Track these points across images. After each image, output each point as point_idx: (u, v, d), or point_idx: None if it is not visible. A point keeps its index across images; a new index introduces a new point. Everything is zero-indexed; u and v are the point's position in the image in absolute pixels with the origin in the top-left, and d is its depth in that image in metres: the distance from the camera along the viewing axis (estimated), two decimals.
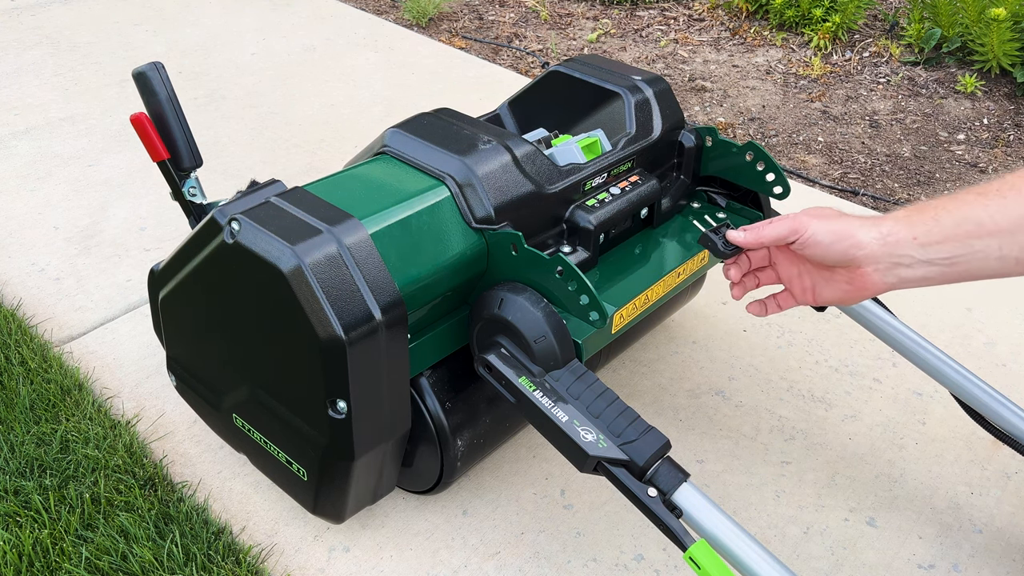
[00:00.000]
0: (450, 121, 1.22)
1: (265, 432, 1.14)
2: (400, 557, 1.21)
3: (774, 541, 1.25)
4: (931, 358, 1.23)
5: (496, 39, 3.18)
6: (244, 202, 1.06)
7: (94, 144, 2.29)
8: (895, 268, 0.90)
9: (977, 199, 0.86)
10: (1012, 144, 2.47)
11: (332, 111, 2.52)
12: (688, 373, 1.55)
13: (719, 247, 1.02)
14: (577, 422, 0.98)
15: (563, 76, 1.38)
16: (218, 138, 2.35)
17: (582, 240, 1.20)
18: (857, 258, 0.91)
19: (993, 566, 1.22)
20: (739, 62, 3.01)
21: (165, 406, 1.45)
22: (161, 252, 1.85)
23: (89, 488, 1.27)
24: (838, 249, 0.92)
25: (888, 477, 1.35)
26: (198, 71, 2.75)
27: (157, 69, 1.19)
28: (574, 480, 1.33)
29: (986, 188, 0.87)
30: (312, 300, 0.95)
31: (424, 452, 1.17)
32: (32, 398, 1.43)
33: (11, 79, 2.64)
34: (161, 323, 1.24)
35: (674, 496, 0.94)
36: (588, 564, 1.21)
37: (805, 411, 1.48)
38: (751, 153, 1.30)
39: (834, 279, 0.97)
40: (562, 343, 1.03)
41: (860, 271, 0.92)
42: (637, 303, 1.17)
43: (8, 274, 1.78)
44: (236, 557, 1.19)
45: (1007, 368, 1.58)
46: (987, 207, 0.85)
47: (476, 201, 1.10)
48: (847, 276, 0.94)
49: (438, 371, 1.15)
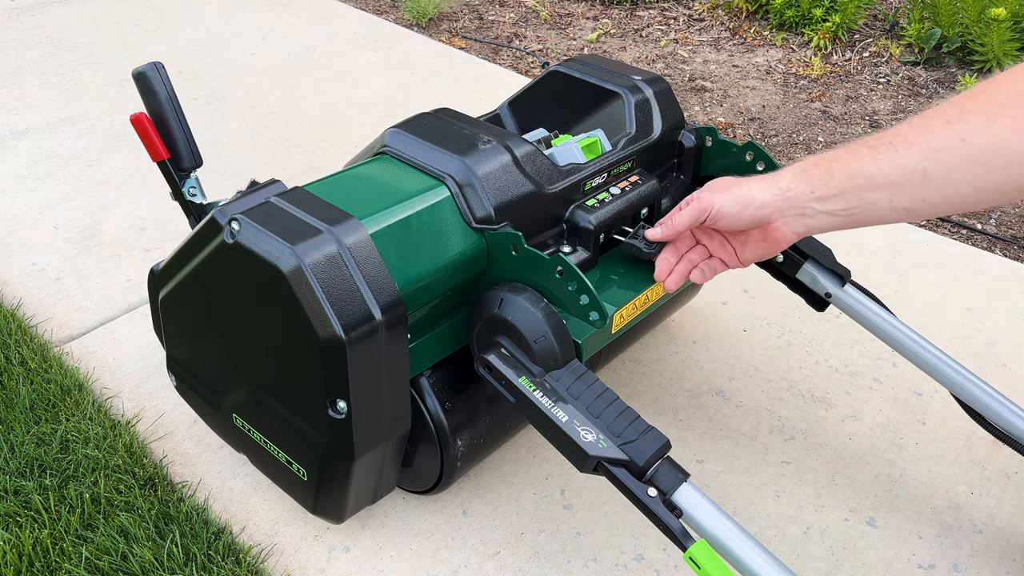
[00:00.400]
0: (450, 121, 1.22)
1: (265, 432, 1.14)
2: (400, 557, 1.21)
3: (774, 541, 1.25)
4: (931, 358, 1.23)
5: (496, 39, 3.18)
6: (244, 202, 1.06)
7: (94, 144, 2.29)
8: (801, 219, 0.96)
9: (869, 152, 0.89)
10: None
11: (332, 111, 2.52)
12: (688, 373, 1.55)
13: (643, 249, 1.10)
14: (577, 422, 0.98)
15: (563, 76, 1.38)
16: (218, 138, 2.35)
17: (582, 240, 1.20)
18: (764, 216, 0.98)
19: (993, 566, 1.22)
20: (739, 62, 3.01)
21: (165, 406, 1.45)
22: (161, 252, 1.85)
23: (89, 488, 1.27)
24: (746, 215, 0.98)
25: (888, 477, 1.35)
26: (198, 71, 2.75)
27: (157, 69, 1.19)
28: (574, 480, 1.33)
29: (878, 139, 0.89)
30: (312, 300, 0.95)
31: (424, 452, 1.17)
32: (32, 398, 1.43)
33: (11, 79, 2.64)
34: (161, 323, 1.24)
35: (674, 496, 0.94)
36: (588, 564, 1.21)
37: (805, 411, 1.48)
38: (751, 153, 1.30)
39: (750, 240, 1.04)
40: (562, 343, 1.03)
41: (770, 227, 0.99)
42: (637, 303, 1.17)
43: (8, 274, 1.78)
44: (236, 557, 1.19)
45: (1007, 368, 1.58)
46: (878, 160, 0.88)
47: (476, 201, 1.10)
48: (760, 234, 1.01)
49: (438, 371, 1.15)
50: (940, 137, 0.84)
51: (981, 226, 2.09)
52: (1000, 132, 0.80)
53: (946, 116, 0.84)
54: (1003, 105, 0.81)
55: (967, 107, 0.83)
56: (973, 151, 0.82)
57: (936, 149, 0.84)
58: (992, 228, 2.08)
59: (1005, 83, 0.82)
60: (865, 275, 1.81)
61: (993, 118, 0.81)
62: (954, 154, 0.83)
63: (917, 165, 0.85)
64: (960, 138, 0.82)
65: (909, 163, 0.86)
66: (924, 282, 1.81)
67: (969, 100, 0.83)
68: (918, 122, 0.87)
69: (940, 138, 0.84)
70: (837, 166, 0.91)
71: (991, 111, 0.81)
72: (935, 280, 1.82)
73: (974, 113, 0.82)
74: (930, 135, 0.85)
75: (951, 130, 0.83)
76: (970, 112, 0.82)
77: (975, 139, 0.82)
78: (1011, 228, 2.08)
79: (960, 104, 0.84)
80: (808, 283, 1.32)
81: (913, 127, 0.87)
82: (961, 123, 0.83)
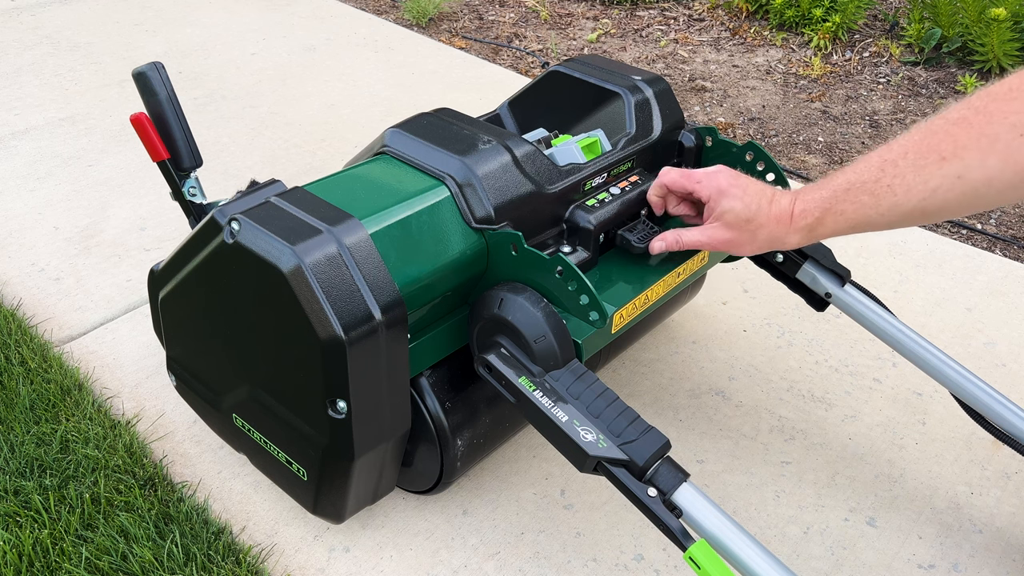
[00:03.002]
0: (450, 121, 1.22)
1: (265, 432, 1.14)
2: (400, 557, 1.21)
3: (774, 541, 1.25)
4: (931, 358, 1.23)
5: (496, 39, 3.18)
6: (244, 202, 1.06)
7: (94, 144, 2.29)
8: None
9: (870, 200, 0.93)
10: None
11: (332, 111, 2.52)
12: (688, 373, 1.55)
13: (634, 243, 1.20)
14: (577, 422, 0.98)
15: (563, 76, 1.38)
16: (218, 138, 2.35)
17: (582, 240, 1.20)
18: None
19: (993, 566, 1.22)
20: (739, 62, 3.01)
21: (165, 406, 1.45)
22: (161, 252, 1.85)
23: (89, 488, 1.27)
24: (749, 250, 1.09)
25: (888, 477, 1.35)
26: (198, 71, 2.75)
27: (157, 69, 1.19)
28: (574, 480, 1.33)
29: (877, 181, 0.93)
30: (312, 300, 0.95)
31: (424, 452, 1.17)
32: (32, 398, 1.43)
33: (11, 79, 2.64)
34: (161, 323, 1.24)
35: (674, 496, 0.94)
36: (588, 564, 1.21)
37: (805, 411, 1.48)
38: (751, 153, 1.30)
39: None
40: (562, 343, 1.03)
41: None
42: (637, 303, 1.17)
43: (8, 274, 1.78)
44: (236, 557, 1.19)
45: (1007, 368, 1.58)
46: (878, 206, 0.93)
47: (476, 201, 1.10)
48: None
49: (438, 371, 1.15)
50: (937, 177, 0.88)
51: (981, 226, 2.09)
52: (994, 166, 0.84)
53: (940, 152, 0.87)
54: (995, 139, 0.83)
55: (960, 142, 0.86)
56: (968, 187, 0.86)
57: (934, 189, 0.88)
58: (992, 228, 2.08)
59: (996, 113, 0.84)
60: (865, 275, 1.81)
61: (987, 154, 0.84)
62: (951, 191, 0.87)
63: (916, 206, 0.90)
64: (956, 176, 0.86)
65: (908, 205, 0.90)
66: (924, 282, 1.81)
67: (962, 133, 0.86)
68: (913, 157, 0.89)
69: (937, 178, 0.88)
70: (842, 219, 0.97)
71: (985, 146, 0.84)
72: (935, 280, 1.82)
73: (968, 149, 0.85)
74: (927, 175, 0.88)
75: (947, 168, 0.87)
76: (964, 148, 0.85)
77: (970, 175, 0.85)
78: (1011, 228, 2.08)
79: (953, 138, 0.86)
80: (808, 283, 1.32)
81: (909, 164, 0.90)
82: (956, 160, 0.86)
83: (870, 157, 0.94)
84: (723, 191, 1.07)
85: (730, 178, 1.07)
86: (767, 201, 1.04)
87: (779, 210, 1.02)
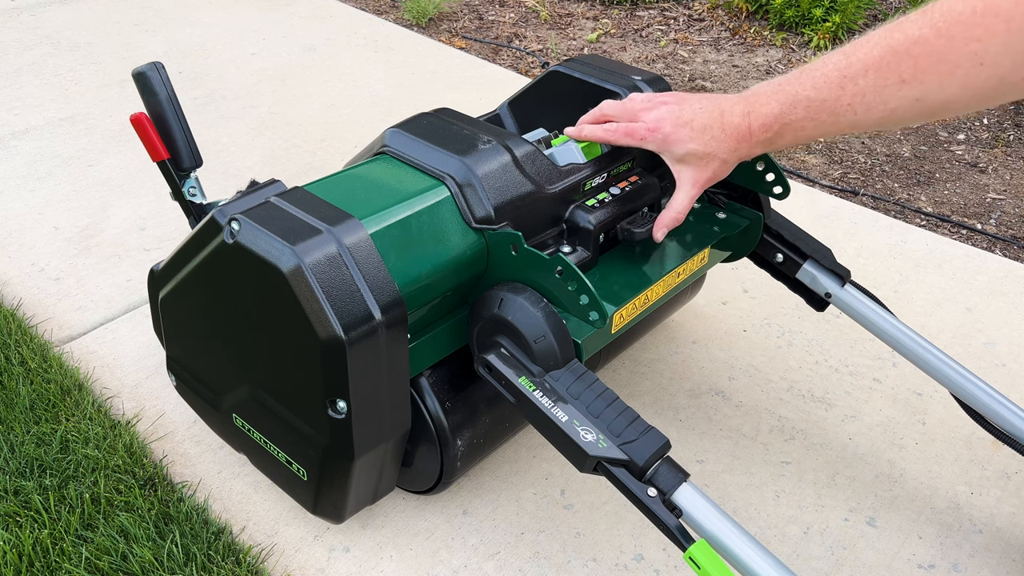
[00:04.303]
0: (450, 121, 1.22)
1: (265, 432, 1.14)
2: (400, 557, 1.21)
3: (774, 541, 1.25)
4: (931, 358, 1.23)
5: (496, 39, 3.18)
6: (244, 202, 1.06)
7: (94, 144, 2.29)
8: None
9: (830, 119, 0.97)
10: (1012, 144, 2.47)
11: (332, 111, 2.52)
12: (688, 373, 1.55)
13: (634, 230, 1.21)
14: (577, 422, 0.98)
15: (563, 76, 1.38)
16: (218, 138, 2.35)
17: (582, 240, 1.20)
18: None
19: (993, 566, 1.22)
20: (739, 62, 3.01)
21: (165, 406, 1.45)
22: (161, 252, 1.85)
23: (89, 488, 1.28)
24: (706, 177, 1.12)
25: (888, 477, 1.35)
26: (198, 71, 2.75)
27: (157, 69, 1.19)
28: (574, 480, 1.33)
29: (838, 99, 0.95)
30: (312, 300, 0.95)
31: (424, 452, 1.17)
32: (32, 398, 1.43)
33: (11, 79, 2.64)
34: (161, 323, 1.24)
35: (674, 496, 0.94)
36: (588, 564, 1.21)
37: (805, 411, 1.48)
38: None
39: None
40: (562, 343, 1.03)
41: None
42: (637, 303, 1.17)
43: (8, 274, 1.78)
44: (236, 557, 1.19)
45: (1007, 368, 1.58)
46: (838, 123, 0.96)
47: (476, 201, 1.10)
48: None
49: (438, 371, 1.15)
50: (895, 99, 0.90)
51: (981, 226, 2.09)
52: (952, 92, 0.86)
53: (900, 75, 0.88)
54: (956, 66, 0.84)
55: (920, 65, 0.87)
56: (925, 108, 0.89)
57: (892, 110, 0.91)
58: (992, 228, 2.08)
59: (958, 38, 0.83)
60: (865, 275, 1.81)
61: (946, 80, 0.85)
62: (908, 111, 0.90)
63: (873, 123, 0.94)
64: (915, 99, 0.88)
65: (867, 123, 0.94)
66: (924, 282, 1.81)
67: (923, 55, 0.86)
68: (873, 76, 0.91)
69: (895, 100, 0.90)
70: (802, 134, 1.00)
71: (944, 72, 0.85)
72: (935, 280, 1.82)
73: (928, 74, 0.86)
74: (886, 96, 0.90)
75: (906, 91, 0.89)
76: (924, 72, 0.87)
77: (929, 99, 0.88)
78: (1011, 228, 2.08)
79: (914, 60, 0.87)
80: (808, 283, 1.32)
81: (869, 83, 0.91)
82: (916, 84, 0.88)
83: (827, 68, 0.95)
84: (670, 139, 1.09)
85: (671, 120, 1.08)
86: (718, 127, 1.05)
87: (734, 128, 1.04)
